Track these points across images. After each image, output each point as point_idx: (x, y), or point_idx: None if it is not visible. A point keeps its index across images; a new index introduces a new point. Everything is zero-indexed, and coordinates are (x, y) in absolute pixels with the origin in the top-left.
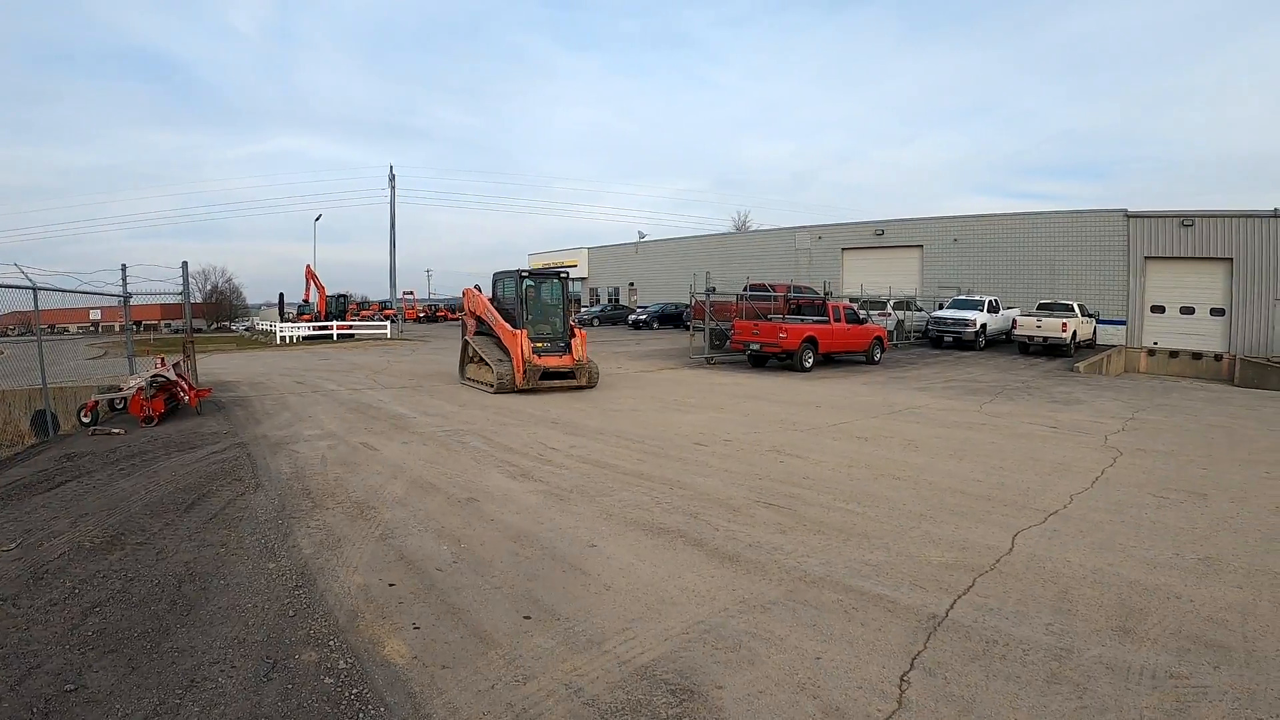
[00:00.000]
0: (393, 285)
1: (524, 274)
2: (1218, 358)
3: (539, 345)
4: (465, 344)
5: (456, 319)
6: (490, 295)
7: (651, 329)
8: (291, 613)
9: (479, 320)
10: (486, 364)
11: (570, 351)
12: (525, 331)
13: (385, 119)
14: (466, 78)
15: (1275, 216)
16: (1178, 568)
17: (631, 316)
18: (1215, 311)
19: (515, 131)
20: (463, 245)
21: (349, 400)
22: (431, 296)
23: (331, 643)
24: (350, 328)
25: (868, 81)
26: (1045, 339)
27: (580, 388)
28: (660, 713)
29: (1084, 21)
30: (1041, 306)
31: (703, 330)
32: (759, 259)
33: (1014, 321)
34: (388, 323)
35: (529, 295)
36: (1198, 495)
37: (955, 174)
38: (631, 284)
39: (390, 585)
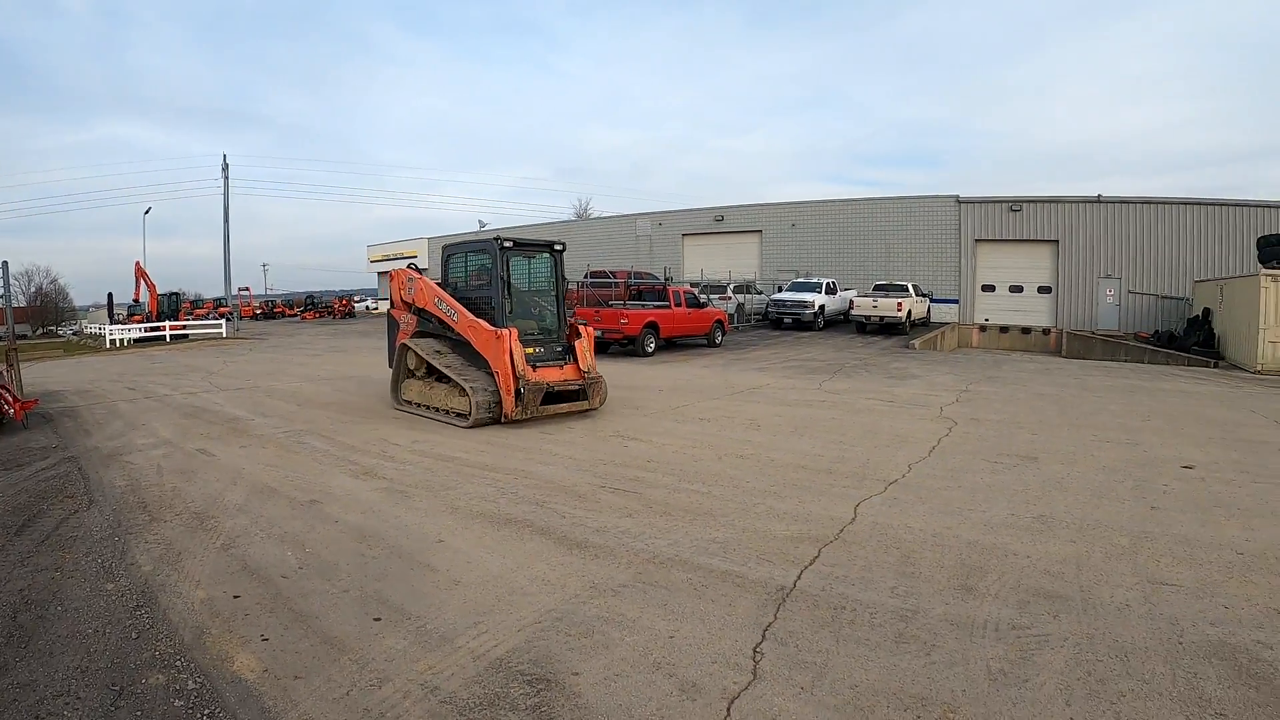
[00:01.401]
0: (227, 281)
1: (505, 243)
2: (1045, 332)
3: (528, 351)
4: (402, 351)
5: (294, 315)
6: (441, 279)
7: None
8: (135, 635)
9: (422, 316)
10: (448, 382)
11: (574, 359)
12: (514, 331)
13: (220, 104)
14: (305, 62)
15: (1098, 201)
16: (1014, 527)
17: None
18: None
19: (355, 119)
20: (300, 238)
21: (183, 405)
22: (269, 292)
23: (179, 663)
24: (184, 328)
25: (710, 72)
26: (881, 318)
27: (585, 411)
28: (519, 704)
29: (920, 19)
30: (878, 287)
31: None
32: (600, 246)
33: (851, 302)
34: (223, 321)
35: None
36: (1029, 459)
37: (794, 162)
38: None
39: (235, 597)
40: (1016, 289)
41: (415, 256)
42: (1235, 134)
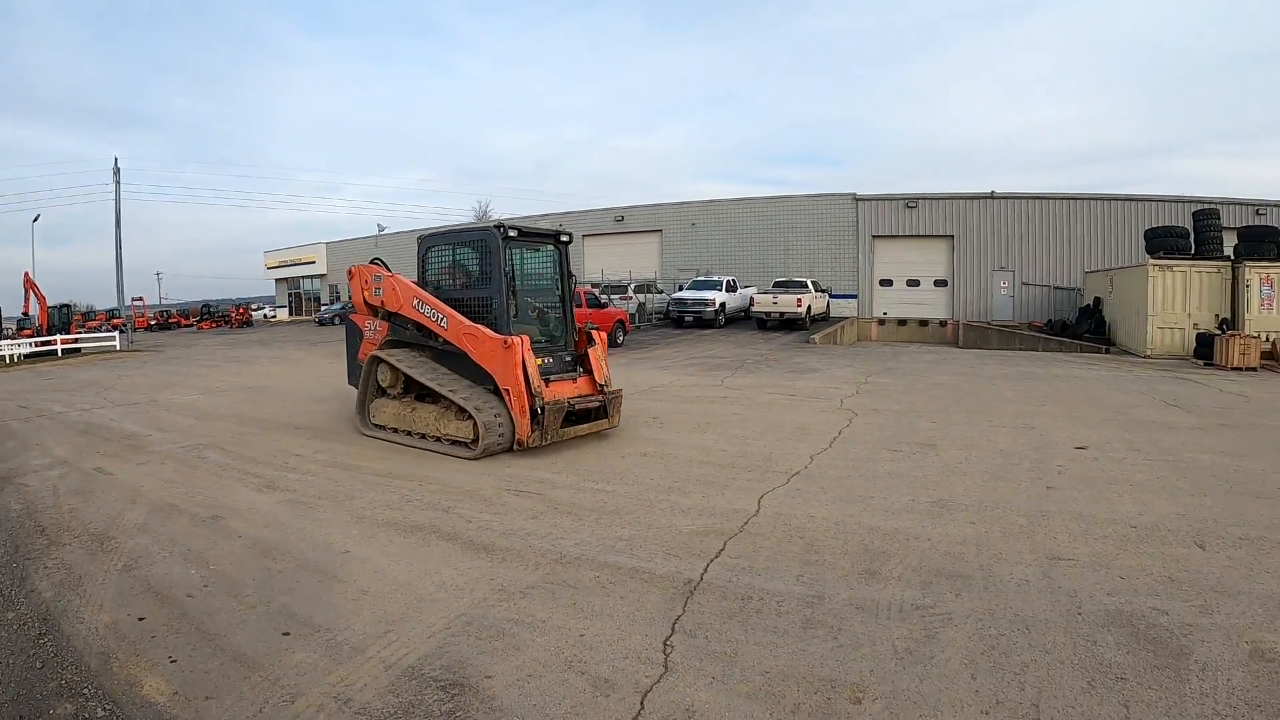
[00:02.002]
0: (120, 292)
1: (510, 232)
2: (943, 324)
3: (537, 362)
4: (373, 365)
5: (190, 325)
6: (418, 277)
7: None
8: (39, 664)
9: (394, 322)
10: (438, 402)
11: (587, 369)
12: (526, 339)
13: (110, 104)
14: (199, 60)
15: (991, 197)
16: (914, 512)
17: None
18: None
19: (251, 120)
20: (194, 245)
21: (79, 422)
22: (163, 302)
23: (86, 690)
24: (76, 342)
25: (611, 72)
26: (782, 314)
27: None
28: (434, 710)
29: (820, 21)
30: (777, 284)
31: None
32: None
33: (752, 299)
34: (117, 334)
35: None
36: (928, 446)
37: (694, 161)
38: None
39: (140, 619)
40: (914, 283)
41: (314, 262)
42: (1120, 133)
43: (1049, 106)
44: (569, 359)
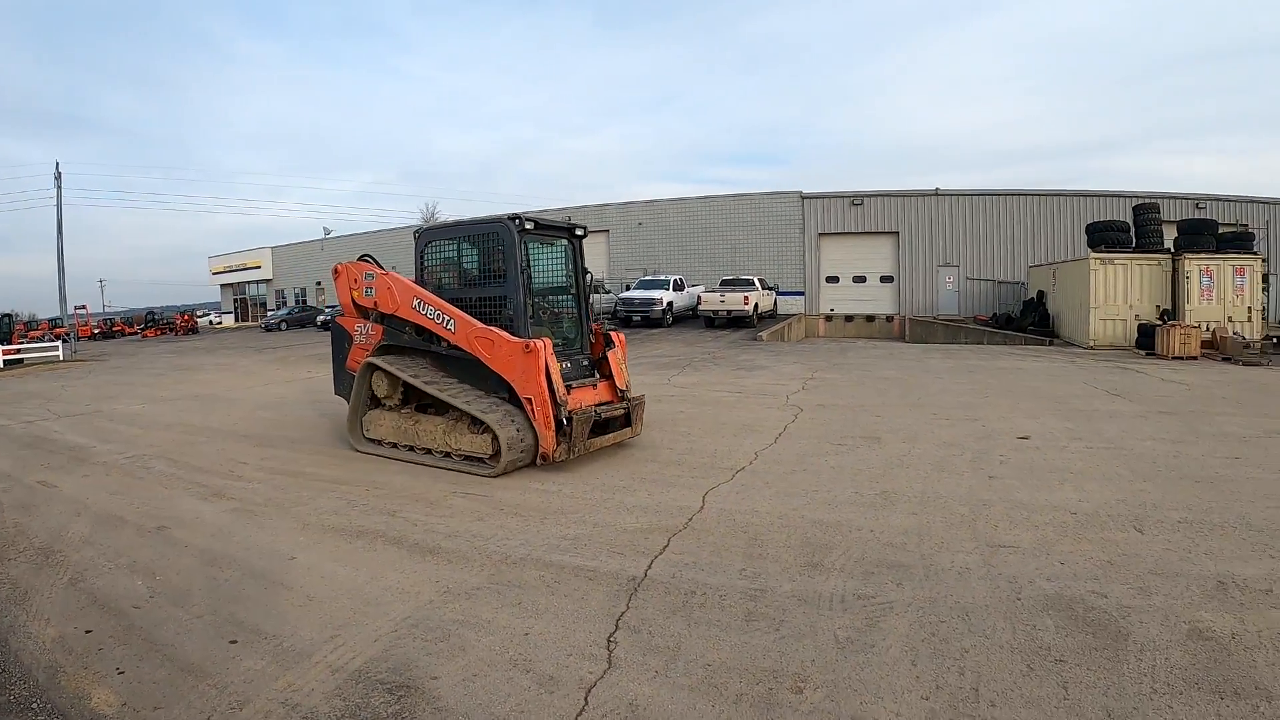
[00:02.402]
0: (63, 300)
1: (524, 224)
2: (889, 319)
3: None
4: (367, 372)
5: (135, 333)
6: (416, 276)
7: None
8: None
9: (390, 325)
10: (445, 413)
11: (608, 372)
12: (548, 342)
13: (50, 107)
14: (142, 61)
15: (936, 194)
16: (858, 504)
17: (320, 318)
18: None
19: (195, 123)
20: (138, 251)
21: (21, 435)
22: (107, 310)
23: (34, 705)
24: (18, 352)
25: (557, 74)
26: (729, 312)
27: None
28: (380, 712)
29: (766, 23)
30: (724, 282)
31: None
32: None
33: (699, 298)
34: (60, 343)
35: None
36: (873, 440)
37: (641, 162)
38: (319, 283)
39: (88, 632)
40: (860, 279)
41: (259, 267)
42: (1060, 131)
43: (994, 105)
44: (586, 363)
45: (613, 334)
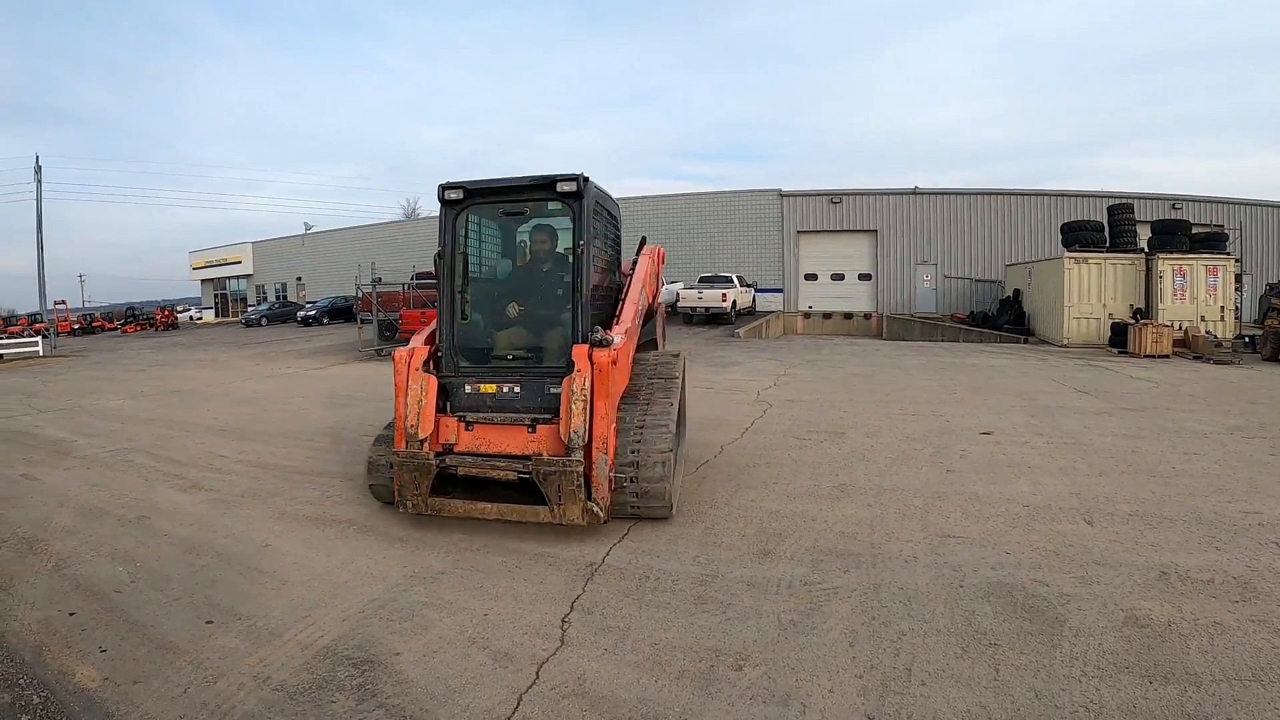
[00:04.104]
0: (42, 296)
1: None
2: (867, 316)
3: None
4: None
5: (115, 328)
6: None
7: (322, 324)
8: None
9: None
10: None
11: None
12: (418, 350)
13: (23, 99)
14: (117, 53)
15: (914, 193)
16: (815, 496)
17: (301, 313)
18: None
19: (172, 115)
20: (117, 246)
21: (2, 429)
22: (86, 305)
23: (21, 681)
24: None
25: (534, 68)
26: (707, 309)
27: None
28: (345, 685)
29: (745, 21)
30: (703, 279)
31: (371, 322)
32: (430, 247)
33: (677, 295)
34: (39, 339)
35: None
36: (837, 434)
37: (618, 158)
38: (299, 279)
39: (71, 614)
40: (838, 277)
41: (239, 262)
42: (1036, 130)
43: (971, 104)
44: (553, 390)
45: (595, 352)
